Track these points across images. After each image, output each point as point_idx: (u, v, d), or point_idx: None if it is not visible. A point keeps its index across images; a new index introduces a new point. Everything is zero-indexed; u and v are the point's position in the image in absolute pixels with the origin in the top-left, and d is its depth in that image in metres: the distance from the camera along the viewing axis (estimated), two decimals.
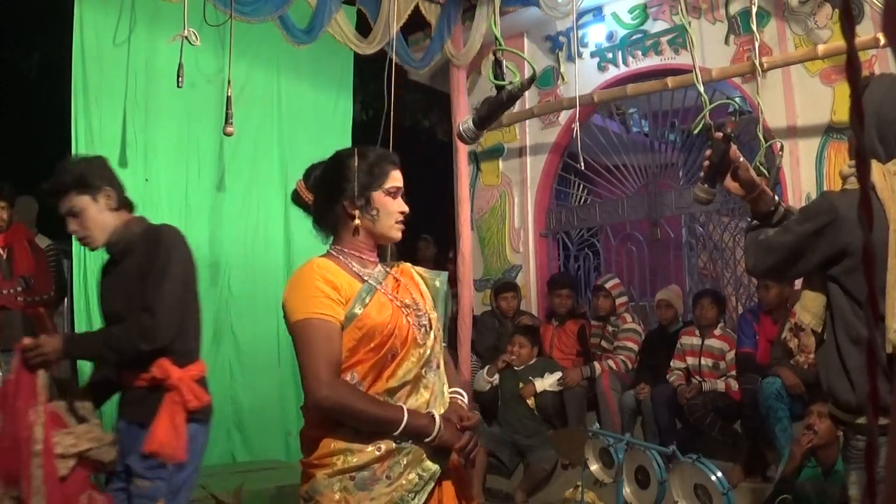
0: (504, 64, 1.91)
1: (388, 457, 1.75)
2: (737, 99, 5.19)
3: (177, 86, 3.72)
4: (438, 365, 1.91)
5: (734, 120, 5.11)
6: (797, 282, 2.65)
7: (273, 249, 5.21)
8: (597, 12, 5.85)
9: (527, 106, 6.04)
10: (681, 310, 5.28)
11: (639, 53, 5.65)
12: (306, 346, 1.77)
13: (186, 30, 3.67)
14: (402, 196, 1.93)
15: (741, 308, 5.36)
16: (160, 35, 4.63)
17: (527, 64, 2.07)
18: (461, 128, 2.05)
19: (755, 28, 4.34)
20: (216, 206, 4.99)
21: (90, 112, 4.46)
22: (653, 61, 5.59)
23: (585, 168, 5.26)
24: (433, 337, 1.88)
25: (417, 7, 5.17)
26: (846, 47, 0.55)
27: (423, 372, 1.85)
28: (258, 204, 5.17)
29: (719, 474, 2.80)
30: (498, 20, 2.28)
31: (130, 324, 2.27)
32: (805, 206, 2.13)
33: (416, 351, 1.83)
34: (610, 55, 5.80)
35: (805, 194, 4.75)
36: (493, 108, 1.97)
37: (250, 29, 4.57)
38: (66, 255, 4.92)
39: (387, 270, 1.94)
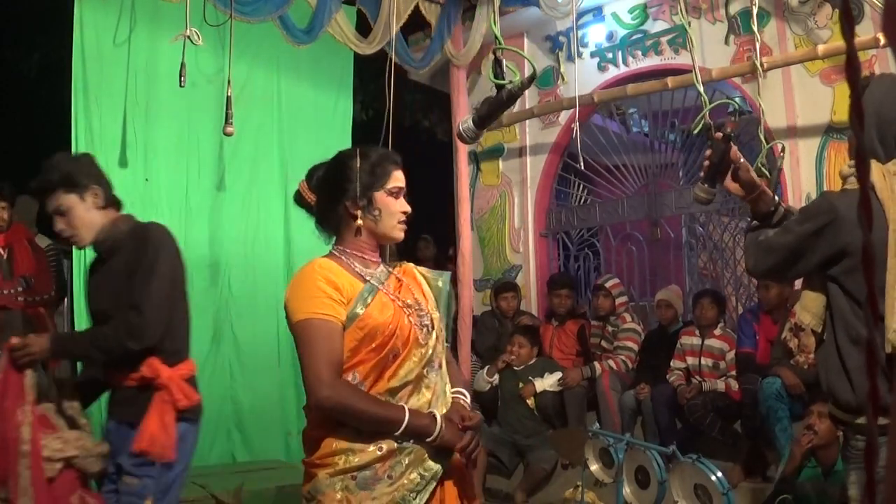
0: (504, 63, 1.90)
1: (390, 456, 1.75)
2: (737, 99, 5.18)
3: (179, 85, 3.72)
4: (440, 365, 1.91)
5: (734, 120, 5.11)
6: (797, 282, 2.65)
7: (273, 249, 5.21)
8: (597, 12, 5.85)
9: (527, 106, 6.04)
10: (681, 310, 5.28)
11: (639, 53, 5.65)
12: (308, 347, 1.77)
13: (189, 29, 3.67)
14: (404, 196, 1.93)
15: (741, 308, 5.36)
16: (160, 35, 4.63)
17: (527, 63, 2.07)
18: (461, 127, 2.05)
19: (756, 29, 4.34)
20: (216, 206, 4.99)
21: (90, 112, 4.46)
22: (653, 61, 5.59)
23: (585, 168, 5.26)
24: (435, 337, 1.88)
25: (417, 7, 5.17)
26: (846, 48, 0.55)
27: (425, 372, 1.85)
28: (258, 204, 5.17)
29: (719, 474, 2.80)
30: (497, 19, 2.28)
31: (118, 322, 2.24)
32: (805, 207, 2.13)
33: (418, 351, 1.83)
34: (610, 55, 5.80)
35: (805, 194, 4.75)
36: (493, 108, 1.97)
37: (250, 29, 4.57)
38: (67, 255, 4.92)
39: (389, 270, 1.94)
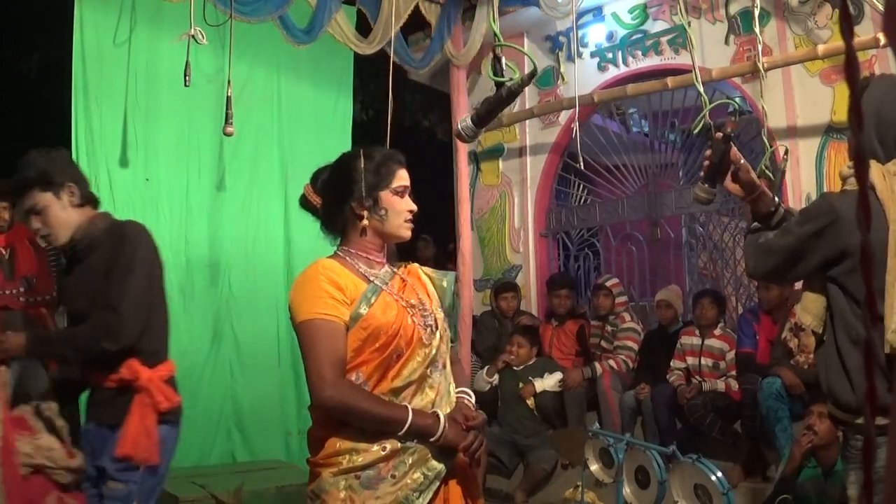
0: (503, 61, 1.90)
1: (394, 456, 1.76)
2: (737, 99, 5.19)
3: (184, 84, 3.72)
4: (444, 365, 1.92)
5: (734, 120, 5.11)
6: (797, 282, 2.65)
7: (273, 249, 5.21)
8: (597, 12, 5.85)
9: (527, 106, 6.05)
10: (681, 310, 5.28)
11: (639, 53, 5.65)
12: (311, 347, 1.77)
13: (193, 28, 3.66)
14: (410, 195, 1.94)
15: (741, 308, 5.36)
16: (161, 35, 4.63)
17: (527, 60, 2.05)
18: (460, 126, 2.04)
19: (758, 31, 4.33)
20: (216, 206, 5.00)
21: (90, 112, 4.46)
22: (653, 61, 5.59)
23: (585, 168, 5.26)
24: (439, 337, 1.89)
25: (417, 7, 5.17)
26: (845, 48, 0.55)
27: (429, 372, 1.85)
28: (258, 204, 5.17)
29: (719, 474, 2.81)
30: (497, 17, 2.26)
31: (94, 322, 2.21)
32: (805, 208, 2.12)
33: (422, 351, 1.84)
34: (610, 55, 5.80)
35: (805, 194, 4.75)
36: (493, 106, 1.96)
37: (250, 29, 4.57)
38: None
39: (393, 271, 1.95)
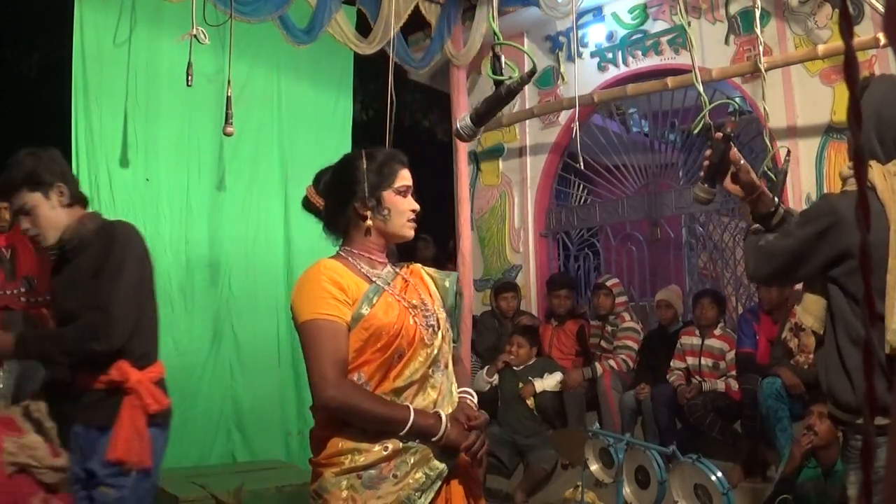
0: (503, 59, 1.89)
1: (396, 456, 1.76)
2: (737, 99, 5.19)
3: (186, 84, 3.71)
4: (447, 365, 1.92)
5: (734, 120, 5.11)
6: None
7: (273, 249, 5.21)
8: (597, 12, 5.85)
9: (527, 106, 6.05)
10: (681, 310, 5.28)
11: (639, 53, 5.65)
12: (313, 347, 1.78)
13: (195, 28, 3.66)
14: (412, 195, 1.94)
15: (741, 308, 5.36)
16: (161, 35, 4.63)
17: (526, 58, 2.05)
18: (458, 125, 2.04)
19: (760, 33, 4.31)
20: (216, 206, 4.99)
21: (90, 112, 4.46)
22: (653, 61, 5.59)
23: (585, 168, 5.26)
24: (441, 337, 1.89)
25: (417, 7, 5.17)
26: (844, 48, 0.55)
27: (431, 372, 1.85)
28: (258, 204, 5.17)
29: (719, 474, 2.81)
30: (496, 15, 2.25)
31: (83, 323, 2.19)
32: (805, 210, 2.11)
33: (424, 351, 1.84)
34: (610, 55, 5.80)
35: (805, 194, 4.75)
36: (492, 105, 1.96)
37: (250, 29, 4.57)
38: None
39: (396, 271, 1.95)
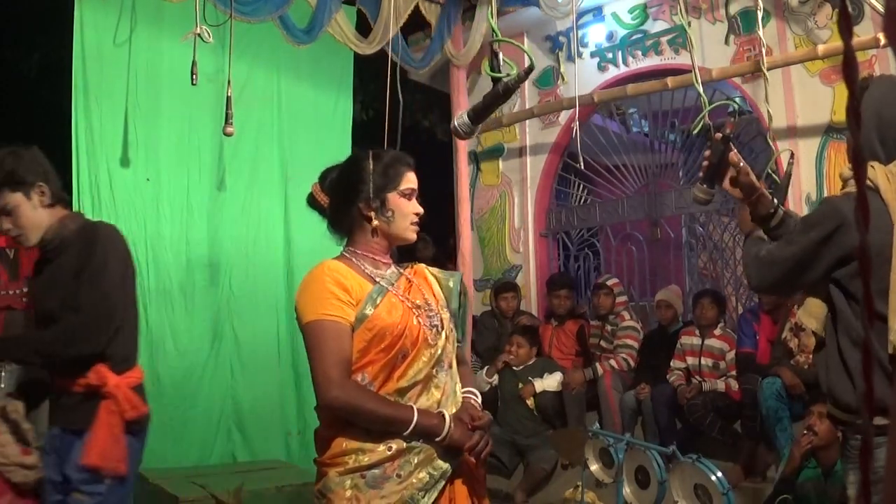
0: (501, 56, 1.89)
1: (399, 456, 1.77)
2: (737, 99, 5.18)
3: (191, 83, 3.71)
4: (450, 365, 1.92)
5: (733, 121, 5.11)
6: None
7: (273, 249, 5.22)
8: (597, 12, 5.85)
9: (527, 106, 6.05)
10: (681, 310, 5.28)
11: (639, 53, 5.65)
12: (317, 348, 1.78)
13: (198, 27, 3.66)
14: (417, 198, 1.94)
15: (741, 308, 5.36)
16: (161, 35, 4.64)
17: (525, 57, 2.04)
18: (456, 122, 2.03)
19: (761, 33, 4.32)
20: (217, 206, 5.00)
21: (90, 112, 4.46)
22: (653, 61, 5.59)
23: (585, 168, 5.26)
24: (444, 337, 1.89)
25: (417, 7, 5.17)
26: (843, 48, 0.55)
27: (434, 372, 1.86)
28: (258, 204, 5.17)
29: (719, 474, 2.81)
30: (495, 12, 2.25)
31: (61, 327, 2.16)
32: (807, 216, 2.08)
33: (427, 351, 1.84)
34: (610, 55, 5.80)
35: (805, 194, 4.74)
36: (489, 102, 1.95)
37: (250, 29, 4.58)
38: None
39: (399, 271, 1.95)
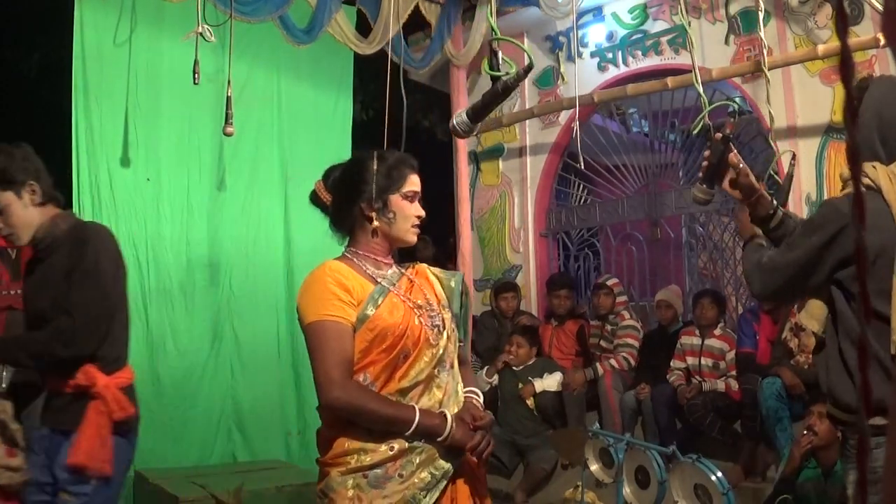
0: (500, 55, 1.89)
1: (401, 456, 1.77)
2: (737, 99, 5.18)
3: (193, 82, 3.72)
4: (452, 365, 1.92)
5: (733, 121, 5.09)
6: None
7: (273, 249, 5.22)
8: (597, 12, 5.85)
9: (527, 106, 6.05)
10: (681, 310, 5.28)
11: (639, 53, 5.65)
12: (318, 348, 1.78)
13: (201, 26, 3.67)
14: (420, 200, 1.94)
15: (741, 308, 5.36)
16: (161, 35, 4.64)
17: (525, 56, 2.04)
18: (455, 121, 2.02)
19: (762, 34, 4.31)
20: (217, 206, 5.00)
21: (90, 112, 4.47)
22: (653, 61, 5.59)
23: (585, 168, 5.26)
24: (446, 337, 1.89)
25: (417, 7, 5.17)
26: (840, 47, 0.55)
27: (436, 372, 1.86)
28: (258, 204, 5.18)
29: (719, 474, 2.81)
30: (494, 10, 2.25)
31: (51, 329, 2.15)
32: (809, 219, 2.05)
33: (429, 351, 1.85)
34: (610, 55, 5.80)
35: (805, 194, 4.74)
36: (488, 100, 1.95)
37: (250, 29, 4.58)
38: None
39: (401, 272, 1.96)
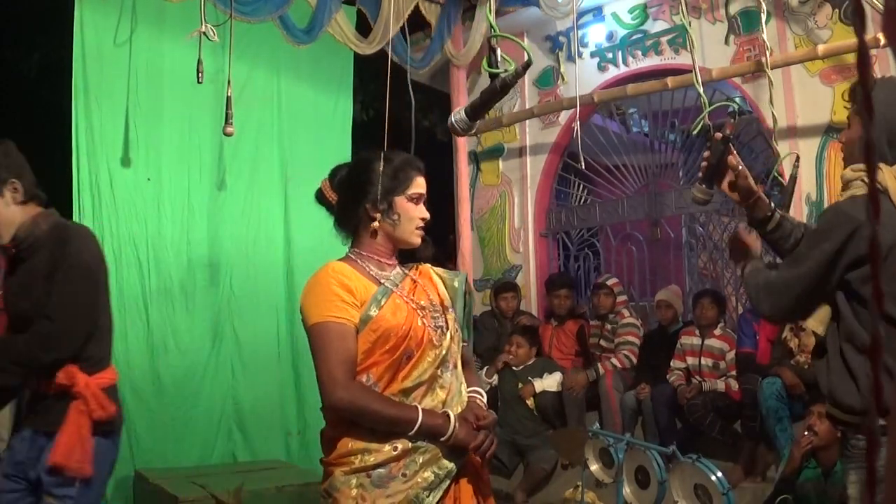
0: (499, 52, 1.88)
1: (405, 455, 1.77)
2: (737, 99, 5.18)
3: (197, 81, 3.71)
4: (455, 365, 1.92)
5: (733, 121, 5.10)
6: None
7: (273, 249, 5.22)
8: (597, 12, 5.85)
9: (527, 106, 6.05)
10: (681, 310, 5.28)
11: (639, 53, 5.65)
12: (322, 349, 1.79)
13: (204, 25, 3.66)
14: (425, 203, 1.95)
15: (741, 308, 5.35)
16: (161, 35, 4.64)
17: (525, 54, 2.03)
18: (453, 119, 2.01)
19: (765, 36, 4.31)
20: (217, 206, 5.00)
21: (91, 112, 4.46)
22: (653, 61, 5.59)
23: (585, 168, 5.26)
24: (449, 337, 1.90)
25: (417, 7, 5.17)
26: (857, 44, 0.54)
27: (439, 372, 1.86)
28: (258, 204, 5.17)
29: (719, 474, 2.80)
30: (493, 7, 2.24)
31: (32, 333, 2.13)
32: (814, 230, 2.01)
33: (432, 352, 1.85)
34: (610, 55, 5.80)
35: (805, 194, 4.74)
36: (487, 98, 1.94)
37: (250, 29, 4.57)
38: None
39: (404, 272, 1.96)
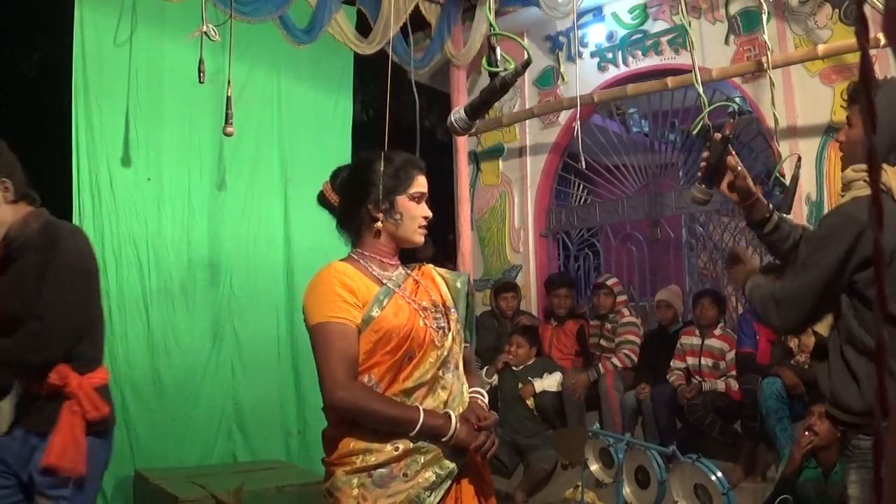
0: (498, 51, 1.88)
1: (406, 456, 1.78)
2: (737, 99, 5.18)
3: (199, 81, 3.71)
4: (457, 365, 1.92)
5: (732, 122, 5.10)
6: None
7: (273, 249, 5.21)
8: (597, 12, 5.85)
9: (527, 106, 6.05)
10: (681, 310, 5.28)
11: (639, 53, 5.65)
12: (323, 350, 1.79)
13: (206, 25, 3.66)
14: (427, 201, 1.95)
15: (741, 308, 5.35)
16: (162, 35, 4.64)
17: (525, 53, 2.02)
18: (452, 118, 2.01)
19: (766, 36, 4.31)
20: (217, 206, 5.00)
21: (91, 112, 4.46)
22: (653, 61, 5.59)
23: (585, 168, 5.26)
24: (451, 338, 1.90)
25: (417, 7, 5.17)
26: (859, 46, 0.55)
27: (441, 373, 1.86)
28: (259, 204, 5.17)
29: (719, 474, 2.81)
30: (492, 6, 2.24)
31: (22, 335, 2.11)
32: (817, 234, 1.99)
33: (434, 353, 1.85)
34: (610, 55, 5.80)
35: (805, 194, 4.74)
36: (486, 96, 1.93)
37: (250, 29, 4.57)
38: None
39: (407, 273, 1.97)
